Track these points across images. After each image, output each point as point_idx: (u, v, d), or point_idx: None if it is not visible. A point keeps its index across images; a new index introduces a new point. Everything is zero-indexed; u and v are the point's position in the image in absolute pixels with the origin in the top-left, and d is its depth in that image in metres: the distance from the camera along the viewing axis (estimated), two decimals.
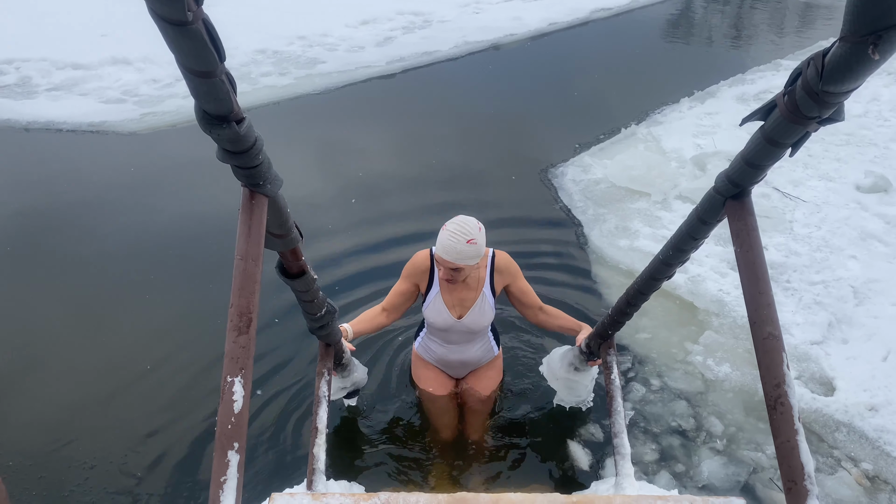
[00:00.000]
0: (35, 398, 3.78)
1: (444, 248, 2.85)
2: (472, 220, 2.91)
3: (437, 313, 3.20)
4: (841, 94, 1.42)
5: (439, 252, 2.88)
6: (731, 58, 8.73)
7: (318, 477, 2.71)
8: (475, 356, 3.43)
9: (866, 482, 3.43)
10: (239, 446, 1.58)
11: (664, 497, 1.75)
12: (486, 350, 3.45)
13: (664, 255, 2.33)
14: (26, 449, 3.44)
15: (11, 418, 3.65)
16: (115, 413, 3.69)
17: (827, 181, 6.00)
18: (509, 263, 3.21)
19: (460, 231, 2.84)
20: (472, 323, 3.21)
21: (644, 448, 3.57)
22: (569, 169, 6.22)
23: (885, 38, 1.24)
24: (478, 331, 3.29)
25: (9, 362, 4.03)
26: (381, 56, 8.68)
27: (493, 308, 3.21)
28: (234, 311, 1.70)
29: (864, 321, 4.39)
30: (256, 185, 1.78)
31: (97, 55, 8.23)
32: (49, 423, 3.62)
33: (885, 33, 1.23)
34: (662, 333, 4.38)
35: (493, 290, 3.19)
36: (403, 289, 3.21)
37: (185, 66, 1.36)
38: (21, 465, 3.35)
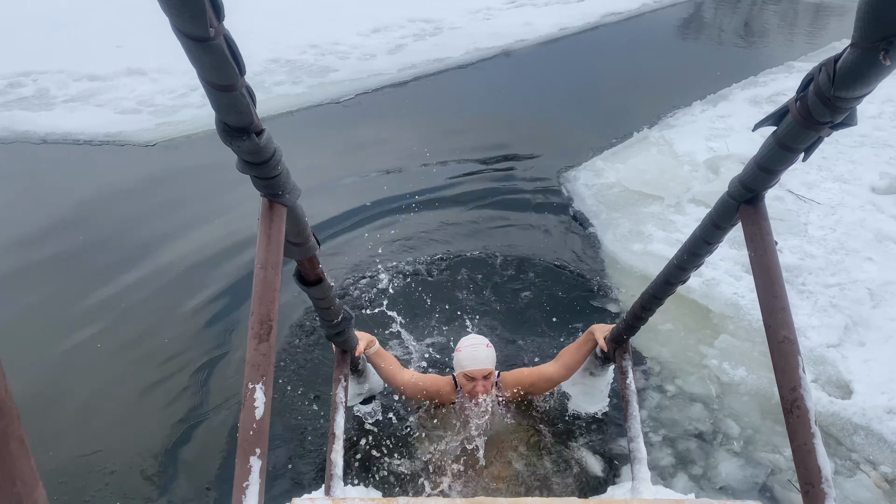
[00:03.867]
0: (57, 405, 3.84)
1: (474, 360, 3.18)
2: (473, 334, 3.43)
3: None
4: (853, 99, 1.43)
5: (471, 366, 3.17)
6: (742, 60, 8.71)
7: (336, 483, 2.74)
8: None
9: (885, 485, 3.41)
10: (261, 452, 1.61)
11: (680, 501, 1.76)
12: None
13: (678, 260, 2.35)
14: (48, 453, 3.49)
15: (35, 422, 3.70)
16: (136, 420, 3.74)
17: (842, 183, 5.97)
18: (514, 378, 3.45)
19: (478, 342, 3.25)
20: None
21: (661, 452, 3.57)
22: (581, 173, 6.22)
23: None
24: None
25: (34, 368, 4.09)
26: (393, 64, 8.74)
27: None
28: (254, 318, 1.73)
29: (881, 323, 4.37)
30: (276, 195, 1.81)
31: (113, 66, 8.34)
32: (69, 427, 3.66)
33: None
34: (678, 337, 4.38)
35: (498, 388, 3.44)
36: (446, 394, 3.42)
37: (207, 80, 1.40)
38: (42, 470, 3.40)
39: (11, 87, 8.00)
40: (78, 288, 4.83)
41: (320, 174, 6.32)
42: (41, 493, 0.71)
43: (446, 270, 5.05)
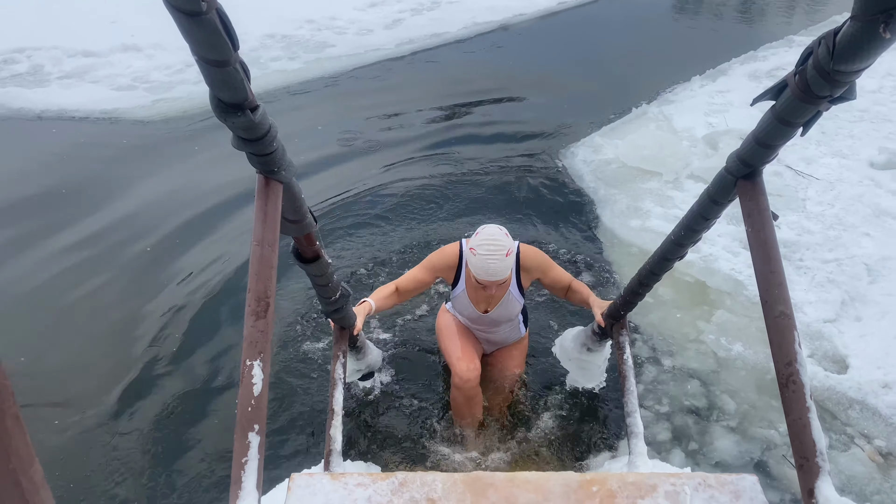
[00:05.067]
0: (60, 384, 3.85)
1: (486, 271, 2.84)
2: (494, 228, 2.90)
3: (464, 307, 3.27)
4: (853, 72, 1.42)
5: (483, 276, 2.86)
6: (742, 34, 8.64)
7: (336, 458, 2.76)
8: (501, 336, 3.50)
9: (879, 459, 3.45)
10: (259, 428, 1.61)
11: (677, 474, 1.77)
12: (513, 331, 3.49)
13: (676, 236, 2.34)
14: (49, 430, 3.51)
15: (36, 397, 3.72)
16: (131, 398, 3.76)
17: (840, 158, 5.95)
18: (537, 259, 3.19)
19: (495, 249, 2.83)
20: (497, 316, 3.26)
21: (657, 427, 3.60)
22: (580, 149, 6.20)
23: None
24: (504, 322, 3.35)
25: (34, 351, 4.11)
26: (391, 39, 8.66)
27: (520, 300, 3.24)
28: (251, 295, 1.73)
29: (878, 299, 4.38)
30: (271, 171, 1.81)
31: (108, 42, 8.25)
32: (71, 406, 3.68)
33: None
34: (675, 313, 4.39)
35: (520, 286, 3.21)
36: (422, 278, 3.20)
37: (200, 55, 1.39)
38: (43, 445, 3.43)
39: (5, 63, 7.92)
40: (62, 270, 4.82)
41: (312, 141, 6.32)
42: (38, 470, 0.72)
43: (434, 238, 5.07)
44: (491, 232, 2.87)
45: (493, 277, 2.85)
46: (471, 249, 2.88)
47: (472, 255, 2.86)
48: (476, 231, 2.93)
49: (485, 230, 2.90)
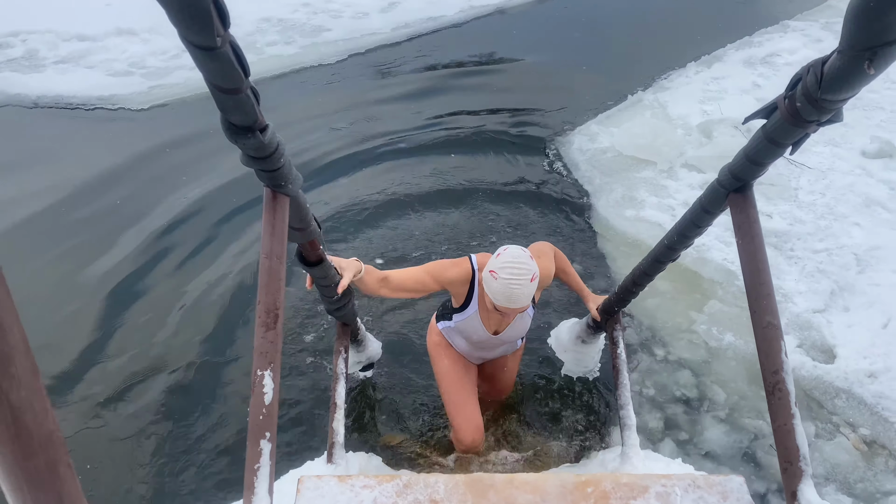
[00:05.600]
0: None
1: (509, 298, 2.55)
2: (518, 251, 2.60)
3: (472, 329, 3.00)
4: (839, 101, 1.49)
5: (504, 303, 2.57)
6: (738, 19, 8.62)
7: (338, 450, 2.85)
8: (500, 353, 3.29)
9: (864, 447, 3.56)
10: (270, 435, 1.69)
11: (668, 475, 1.86)
12: (512, 345, 3.27)
13: (668, 241, 2.42)
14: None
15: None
16: (146, 402, 3.83)
17: (833, 146, 6.02)
18: (547, 265, 2.95)
19: (520, 274, 2.53)
20: (507, 337, 3.05)
21: (649, 417, 3.70)
22: (576, 137, 6.25)
23: (879, 55, 1.31)
24: (512, 341, 3.15)
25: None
26: (386, 22, 8.63)
27: (531, 316, 3.05)
28: (261, 307, 1.80)
29: (866, 289, 4.47)
30: (279, 186, 1.87)
31: (102, 26, 8.20)
32: (81, 402, 3.76)
33: (881, 49, 1.30)
34: (668, 303, 4.47)
35: (533, 302, 3.01)
36: (428, 284, 2.88)
37: (213, 83, 1.44)
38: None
39: (1, 47, 7.89)
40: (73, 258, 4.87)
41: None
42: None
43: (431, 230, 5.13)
44: (515, 255, 2.57)
45: (515, 305, 2.57)
46: (491, 273, 2.57)
47: (493, 280, 2.56)
48: (497, 252, 2.63)
49: (507, 252, 2.59)
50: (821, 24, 8.46)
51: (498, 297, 2.56)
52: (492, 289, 2.57)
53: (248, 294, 4.49)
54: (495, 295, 2.56)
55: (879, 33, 1.28)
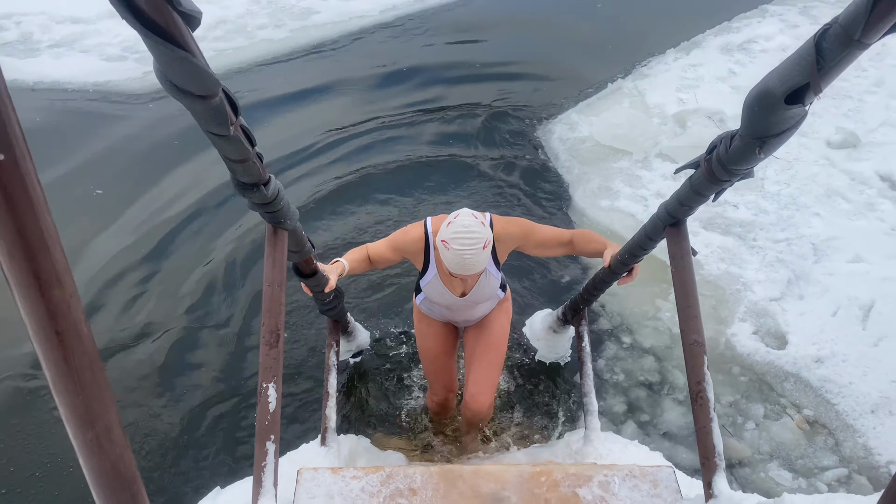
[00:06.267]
0: None
1: (462, 265, 2.59)
2: (468, 218, 2.61)
3: (439, 294, 3.05)
4: (742, 170, 1.80)
5: (457, 271, 2.63)
6: (716, 3, 8.81)
7: (331, 434, 3.20)
8: (481, 312, 3.27)
9: (806, 427, 3.94)
10: (274, 438, 2.03)
11: (609, 466, 2.21)
12: (493, 302, 3.26)
13: (621, 256, 2.74)
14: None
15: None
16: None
17: (800, 136, 6.30)
18: (510, 228, 2.92)
19: (470, 243, 2.54)
20: (476, 297, 3.06)
21: (614, 400, 4.06)
22: (556, 126, 6.51)
23: (767, 143, 1.63)
24: (483, 301, 3.14)
25: None
26: (375, 4, 8.79)
27: (497, 276, 3.03)
28: (265, 329, 2.12)
29: (820, 278, 4.81)
30: (279, 223, 2.17)
31: (94, 8, 8.30)
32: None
33: (768, 139, 1.62)
34: (636, 292, 4.79)
35: (496, 261, 2.98)
36: (388, 257, 3.01)
37: (225, 156, 1.74)
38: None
39: None
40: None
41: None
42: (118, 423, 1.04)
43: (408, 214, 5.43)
44: (464, 223, 2.57)
45: (469, 271, 2.61)
46: (443, 242, 2.59)
47: (445, 250, 2.58)
48: (447, 220, 2.65)
49: (457, 221, 2.60)
50: (798, 9, 8.68)
51: (452, 266, 2.63)
52: (445, 257, 2.62)
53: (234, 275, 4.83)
54: (450, 264, 2.63)
55: (766, 128, 1.59)
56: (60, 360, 0.88)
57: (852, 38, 1.28)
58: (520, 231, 2.93)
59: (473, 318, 3.30)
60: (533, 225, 2.96)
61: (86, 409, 0.93)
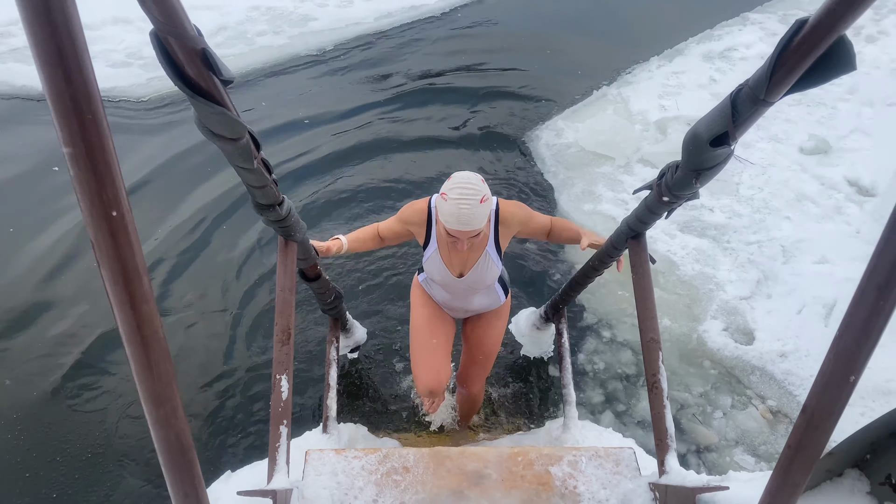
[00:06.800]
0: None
1: (458, 219, 2.57)
2: (469, 174, 2.65)
3: (437, 271, 3.06)
4: (686, 195, 2.13)
5: (454, 226, 2.60)
6: (700, 11, 9.10)
7: (332, 423, 3.52)
8: (479, 305, 3.30)
9: (770, 416, 4.28)
10: (287, 422, 2.35)
11: (577, 448, 2.54)
12: (493, 299, 3.29)
13: (592, 262, 3.06)
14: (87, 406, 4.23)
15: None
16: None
17: (775, 143, 6.64)
18: (515, 212, 2.97)
19: (469, 194, 2.56)
20: (473, 282, 3.07)
21: (593, 392, 4.40)
22: (543, 133, 6.83)
23: (702, 175, 1.95)
24: (481, 288, 3.15)
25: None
26: (370, 12, 9.06)
27: (498, 265, 3.05)
28: (278, 328, 2.44)
29: (788, 278, 5.14)
30: (289, 235, 2.49)
31: (99, 14, 8.55)
32: (113, 380, 4.39)
33: (702, 172, 1.93)
34: (616, 289, 5.13)
35: (498, 246, 3.00)
36: (398, 230, 3.08)
37: (248, 183, 2.06)
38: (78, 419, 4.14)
39: (2, 37, 8.27)
40: None
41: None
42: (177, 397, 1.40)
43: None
44: (465, 176, 2.62)
45: (465, 227, 2.58)
46: (441, 195, 2.62)
47: (443, 202, 2.59)
48: (450, 176, 2.69)
49: (458, 174, 2.65)
50: (778, 17, 9.02)
51: (448, 219, 2.59)
52: (443, 211, 2.60)
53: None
54: (446, 217, 2.59)
55: (699, 164, 1.91)
56: (143, 356, 1.19)
57: (758, 98, 1.59)
58: (523, 214, 2.99)
59: (471, 308, 3.31)
60: (531, 211, 3.06)
61: (159, 393, 1.24)
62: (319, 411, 4.12)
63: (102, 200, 1.01)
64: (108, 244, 1.06)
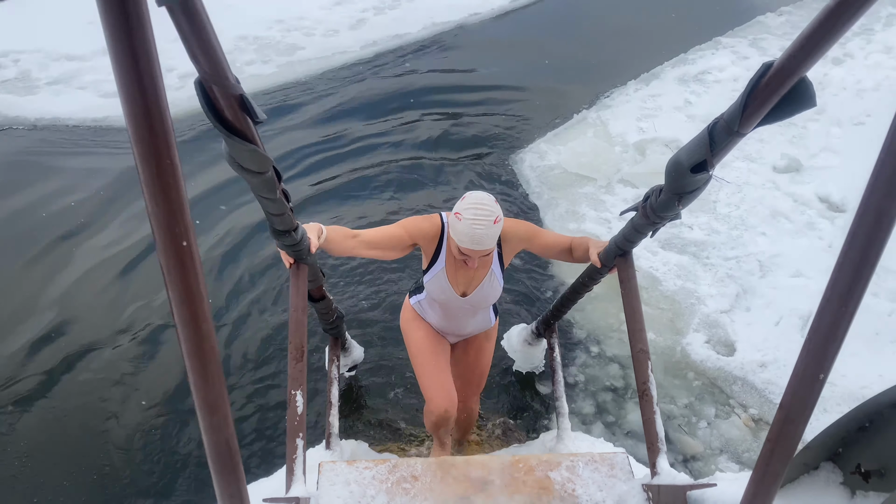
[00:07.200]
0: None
1: (472, 238, 2.63)
2: (482, 195, 2.71)
3: (441, 289, 3.05)
4: (671, 216, 2.32)
5: (469, 245, 2.65)
6: (675, 37, 9.37)
7: (335, 439, 3.66)
8: (472, 328, 3.35)
9: (752, 424, 4.48)
10: (302, 435, 2.50)
11: (574, 454, 2.71)
12: (484, 321, 3.34)
13: (582, 279, 3.26)
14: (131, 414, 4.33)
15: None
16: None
17: (749, 162, 6.92)
18: (516, 229, 3.01)
19: (483, 214, 2.62)
20: (476, 302, 3.10)
21: (584, 404, 4.57)
22: (527, 155, 7.05)
23: (684, 198, 2.14)
24: (481, 308, 3.20)
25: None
26: (356, 40, 9.26)
27: (500, 284, 3.08)
28: (292, 346, 2.60)
29: (765, 291, 5.37)
30: (301, 258, 2.65)
31: (88, 45, 8.66)
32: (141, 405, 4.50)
33: (684, 195, 2.13)
34: (602, 306, 5.32)
35: (501, 264, 3.04)
36: (399, 236, 2.93)
37: (269, 211, 2.23)
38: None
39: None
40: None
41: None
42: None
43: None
44: (479, 197, 2.68)
45: (478, 246, 2.65)
46: (455, 214, 2.67)
47: (457, 221, 2.65)
48: (462, 197, 2.73)
49: (471, 195, 2.70)
50: (748, 41, 9.37)
51: (462, 239, 2.64)
52: (456, 230, 2.65)
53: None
54: (460, 236, 2.65)
55: (681, 188, 2.11)
56: (201, 369, 1.35)
57: (732, 130, 1.80)
58: (526, 233, 3.02)
59: (464, 332, 3.35)
60: (537, 229, 3.07)
61: (213, 402, 1.40)
62: (320, 428, 4.25)
63: (175, 233, 1.17)
64: (178, 270, 1.21)
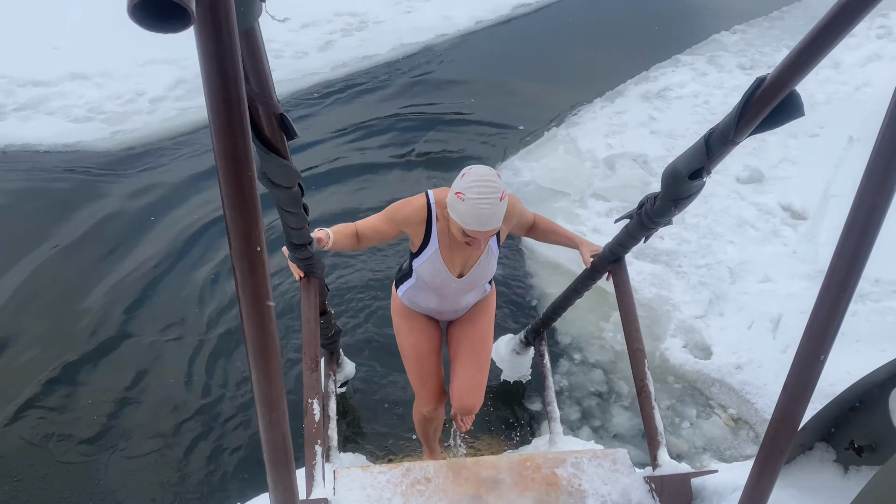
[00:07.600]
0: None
1: (479, 220, 2.41)
2: (485, 169, 2.48)
3: (435, 273, 2.86)
4: (665, 221, 2.49)
5: (475, 227, 2.43)
6: (636, 54, 9.74)
7: (334, 452, 3.74)
8: (468, 302, 3.18)
9: (732, 423, 4.67)
10: (321, 442, 2.58)
11: (579, 451, 2.84)
12: (480, 292, 3.19)
13: (574, 286, 3.41)
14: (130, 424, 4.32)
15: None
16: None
17: (714, 174, 7.11)
18: (514, 204, 2.86)
19: (488, 192, 2.40)
20: (473, 280, 2.93)
21: (570, 409, 4.71)
22: (502, 172, 7.21)
23: (679, 204, 2.30)
24: (477, 285, 3.03)
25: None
26: (325, 62, 9.35)
27: (496, 259, 2.97)
28: (306, 356, 2.69)
29: (736, 297, 5.61)
30: (312, 272, 2.76)
31: (55, 71, 8.62)
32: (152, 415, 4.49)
33: (679, 201, 2.29)
34: (584, 315, 5.48)
35: (498, 239, 2.91)
36: (384, 230, 2.83)
37: (289, 225, 2.33)
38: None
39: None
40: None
41: None
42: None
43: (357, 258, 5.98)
44: (482, 173, 2.43)
45: (485, 227, 2.43)
46: (457, 194, 2.43)
47: (460, 202, 2.41)
48: (462, 173, 2.49)
49: (473, 171, 2.45)
50: (706, 59, 9.74)
51: (468, 221, 2.42)
52: (460, 212, 2.43)
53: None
54: (464, 218, 2.42)
55: (678, 194, 2.28)
56: (265, 367, 1.44)
57: (728, 138, 1.97)
58: (520, 207, 2.94)
59: (460, 308, 3.17)
60: (535, 214, 3.11)
61: (273, 399, 1.49)
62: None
63: (250, 239, 1.27)
64: (249, 273, 1.31)
